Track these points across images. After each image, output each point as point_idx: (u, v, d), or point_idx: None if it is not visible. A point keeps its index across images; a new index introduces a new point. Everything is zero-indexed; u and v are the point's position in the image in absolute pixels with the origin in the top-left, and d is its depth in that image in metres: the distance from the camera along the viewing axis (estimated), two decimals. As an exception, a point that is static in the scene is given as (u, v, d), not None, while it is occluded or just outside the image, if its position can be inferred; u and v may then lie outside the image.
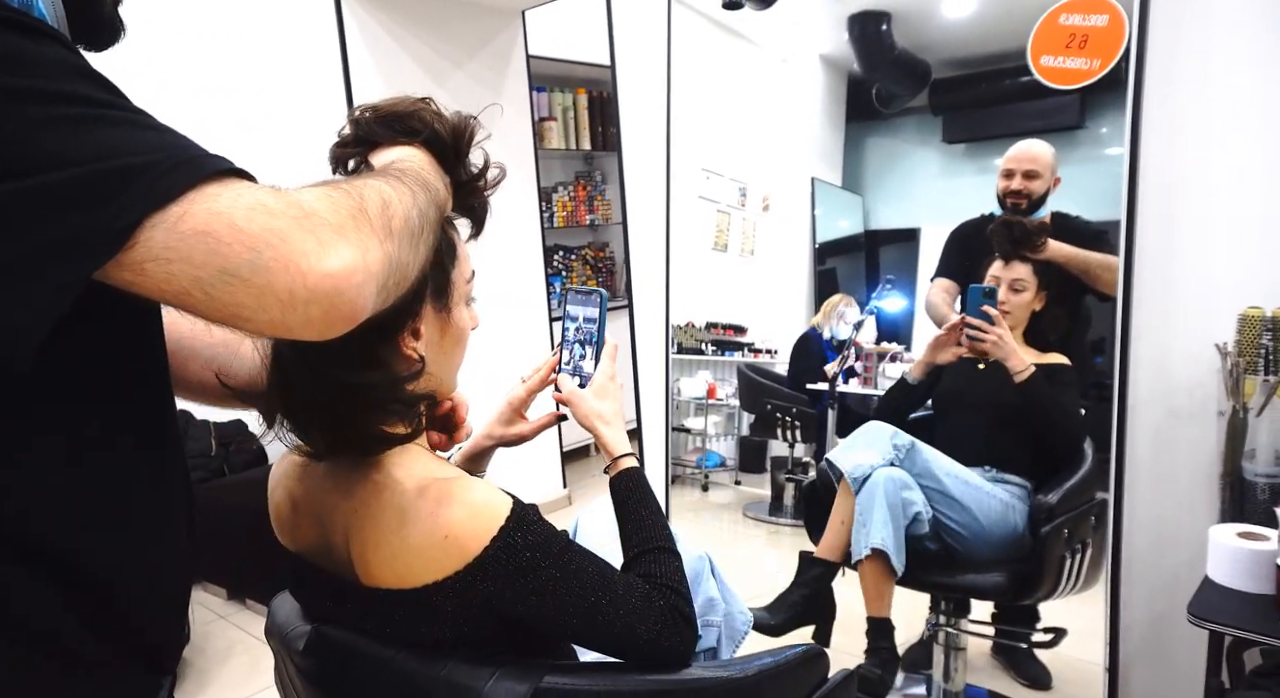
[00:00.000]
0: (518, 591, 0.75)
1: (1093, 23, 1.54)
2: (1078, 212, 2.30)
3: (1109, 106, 2.40)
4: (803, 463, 3.18)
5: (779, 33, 2.92)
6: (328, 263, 0.53)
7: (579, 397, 0.97)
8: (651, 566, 0.86)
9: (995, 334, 1.80)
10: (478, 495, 0.76)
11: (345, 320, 0.55)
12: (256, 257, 0.50)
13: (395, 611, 0.75)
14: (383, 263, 0.57)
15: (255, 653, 2.34)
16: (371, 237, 0.57)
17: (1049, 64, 1.62)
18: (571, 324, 1.02)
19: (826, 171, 3.08)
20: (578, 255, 3.59)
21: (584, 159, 3.57)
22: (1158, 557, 1.59)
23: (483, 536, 0.74)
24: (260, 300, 0.51)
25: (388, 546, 0.74)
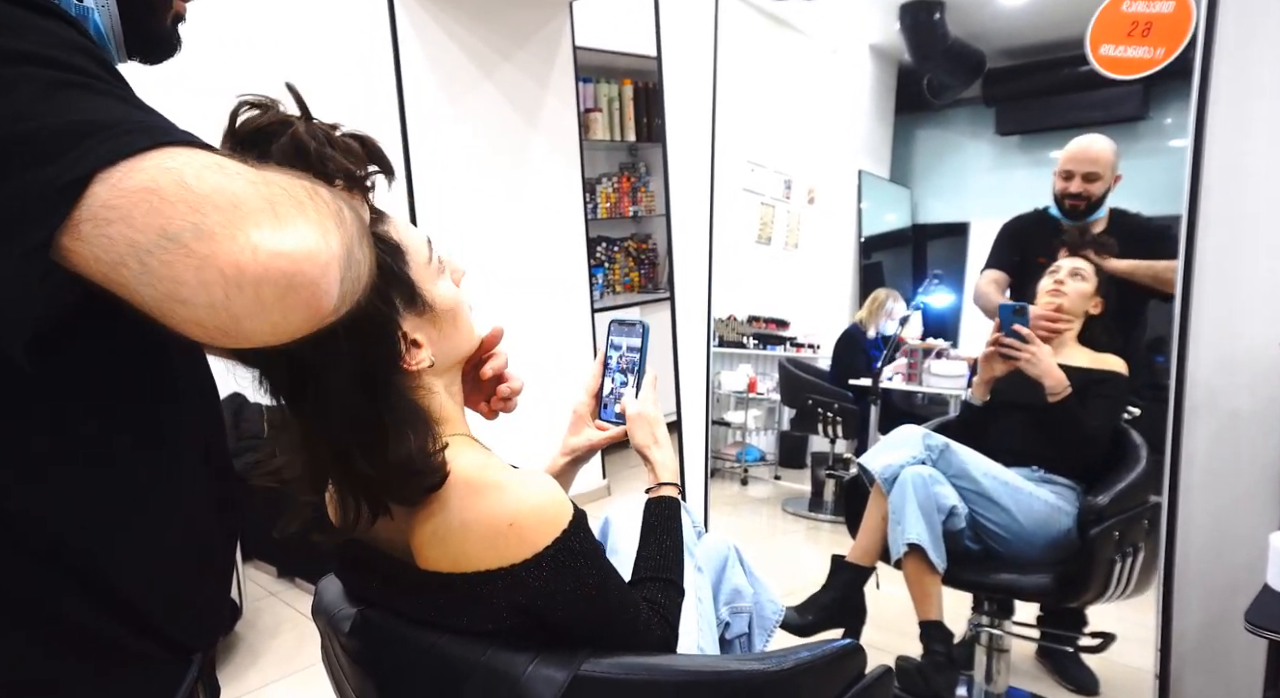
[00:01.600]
0: (564, 594, 0.76)
1: (1157, 9, 1.48)
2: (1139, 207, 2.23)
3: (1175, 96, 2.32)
4: (843, 459, 3.15)
5: (828, 23, 2.88)
6: (286, 239, 0.46)
7: (638, 421, 1.01)
8: (658, 594, 0.91)
9: (1029, 352, 1.77)
10: (546, 492, 0.77)
11: (305, 310, 0.47)
12: (202, 220, 0.43)
13: (444, 596, 0.76)
14: (344, 249, 0.49)
15: (303, 629, 2.40)
16: (329, 219, 0.50)
17: (1109, 53, 1.56)
18: (615, 353, 1.07)
19: (874, 164, 3.03)
20: (620, 247, 3.59)
21: (628, 150, 3.57)
22: (1214, 561, 1.54)
23: (548, 532, 0.75)
24: (201, 275, 0.43)
25: (448, 528, 0.75)
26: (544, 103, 2.72)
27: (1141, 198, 2.25)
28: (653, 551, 0.94)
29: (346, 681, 0.85)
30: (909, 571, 1.74)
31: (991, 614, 1.89)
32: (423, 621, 0.77)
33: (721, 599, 1.22)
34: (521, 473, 0.79)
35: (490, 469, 0.78)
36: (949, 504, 1.75)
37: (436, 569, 0.76)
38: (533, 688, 0.73)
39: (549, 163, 2.76)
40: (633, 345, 1.05)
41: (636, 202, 3.56)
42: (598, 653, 0.77)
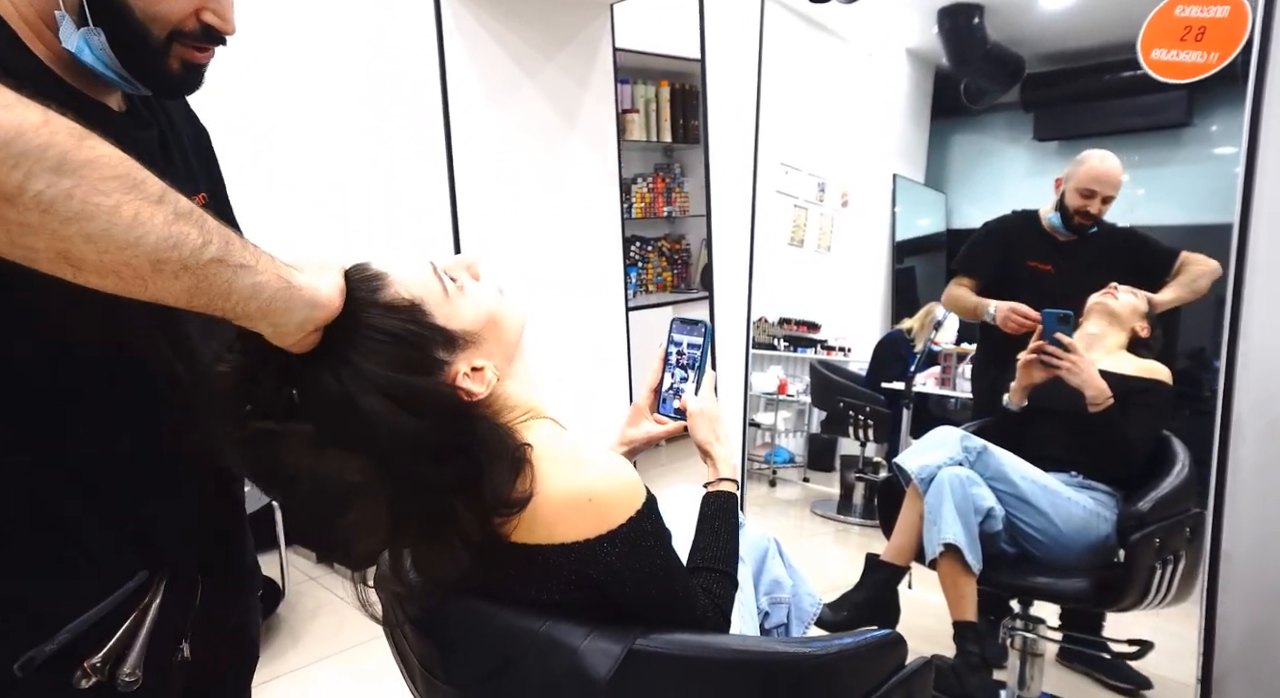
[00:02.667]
0: (633, 572, 0.79)
1: (1212, 14, 1.47)
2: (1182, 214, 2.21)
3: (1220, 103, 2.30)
4: (874, 462, 3.14)
5: (866, 26, 2.88)
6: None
7: (700, 416, 1.03)
8: (714, 584, 0.92)
9: (1070, 361, 1.75)
10: (625, 470, 0.79)
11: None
12: None
13: (514, 566, 0.78)
14: (20, 126, 0.49)
15: (342, 613, 2.45)
16: (34, 109, 0.50)
17: (1160, 58, 1.55)
18: (674, 348, 1.09)
19: (909, 168, 3.02)
20: (654, 246, 3.62)
21: (663, 151, 3.59)
22: (1260, 568, 1.53)
23: (625, 509, 0.78)
24: None
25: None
26: (583, 103, 2.75)
27: (1186, 204, 2.23)
28: (709, 542, 0.95)
29: (410, 648, 0.88)
30: (944, 571, 1.74)
31: (1026, 619, 1.88)
32: (488, 590, 0.80)
33: (761, 589, 1.24)
34: (599, 451, 0.81)
35: (570, 446, 0.80)
36: (986, 506, 1.75)
37: (512, 540, 0.78)
38: (590, 659, 0.75)
39: (587, 162, 2.79)
40: (694, 343, 1.07)
41: (671, 202, 3.58)
42: (650, 629, 0.79)
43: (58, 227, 0.51)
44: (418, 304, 0.76)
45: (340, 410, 0.69)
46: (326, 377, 0.69)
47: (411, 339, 0.73)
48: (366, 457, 0.72)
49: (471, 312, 0.80)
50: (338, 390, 0.68)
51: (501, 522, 0.76)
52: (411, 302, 0.75)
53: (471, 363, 0.78)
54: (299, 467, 0.70)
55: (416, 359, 0.74)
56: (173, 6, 0.71)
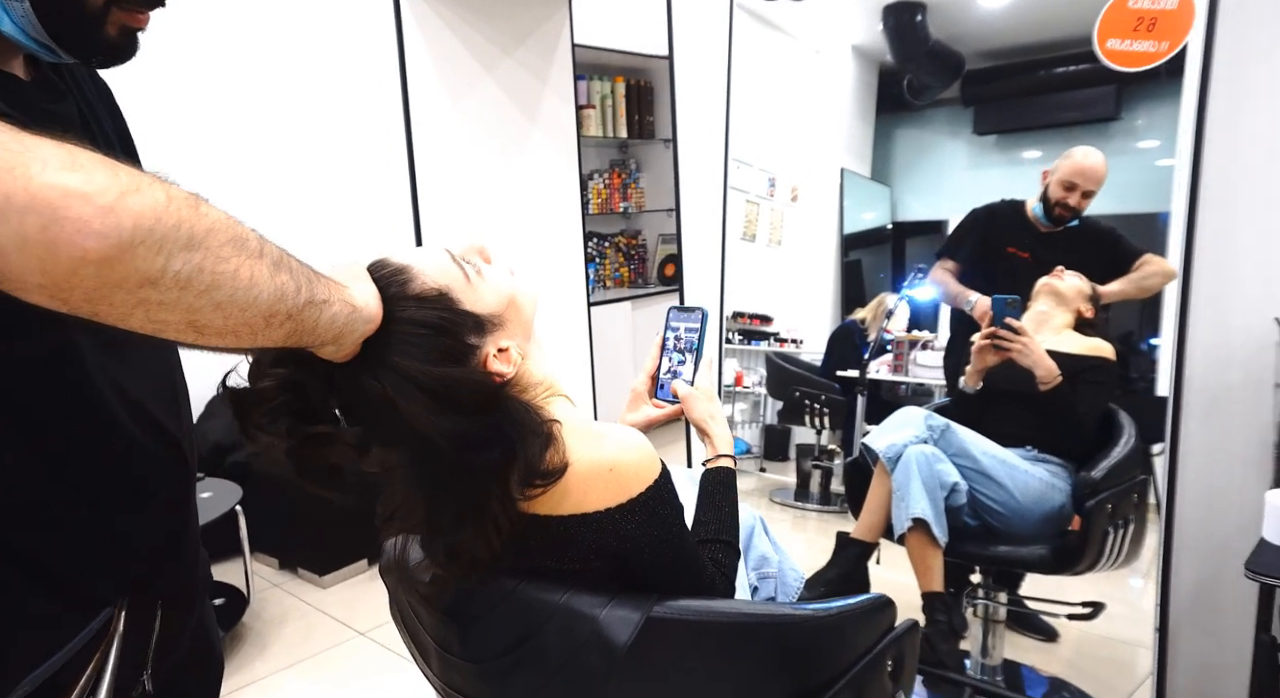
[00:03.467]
0: (650, 539, 0.81)
1: (1162, 5, 1.57)
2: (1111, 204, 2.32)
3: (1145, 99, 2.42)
4: (828, 450, 3.22)
5: (812, 23, 2.94)
6: (67, 176, 0.45)
7: (695, 397, 1.06)
8: (719, 554, 0.95)
9: (1020, 343, 1.85)
10: (642, 442, 0.82)
11: (72, 248, 0.45)
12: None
13: (538, 538, 0.80)
14: (154, 212, 0.48)
15: (310, 619, 2.40)
16: (154, 187, 0.49)
17: (1115, 47, 1.65)
18: (671, 334, 1.12)
19: (855, 163, 3.09)
20: (611, 242, 3.63)
21: (619, 147, 3.61)
22: (1208, 524, 1.64)
23: (644, 479, 0.80)
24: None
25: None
26: (543, 98, 2.76)
27: (1113, 195, 2.34)
28: (713, 515, 0.98)
29: (423, 629, 0.88)
30: (912, 545, 1.80)
31: (989, 587, 1.96)
32: (507, 563, 0.81)
33: (750, 564, 1.27)
34: (614, 425, 0.84)
35: (585, 421, 0.83)
36: (951, 481, 1.81)
37: (534, 512, 0.79)
38: (611, 627, 0.77)
39: (547, 157, 2.80)
40: (691, 329, 1.11)
41: (627, 198, 3.60)
42: (665, 597, 0.82)
43: (192, 300, 0.51)
44: (445, 292, 0.77)
45: (383, 412, 0.70)
46: (369, 381, 0.70)
47: (446, 327, 0.75)
48: (408, 450, 0.74)
49: (493, 295, 0.82)
50: (380, 392, 0.69)
51: (537, 492, 0.77)
52: (439, 291, 0.76)
53: (498, 345, 0.80)
54: (347, 465, 0.71)
55: (451, 347, 0.75)
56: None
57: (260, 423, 0.69)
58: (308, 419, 0.70)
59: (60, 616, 0.65)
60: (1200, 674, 1.70)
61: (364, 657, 2.20)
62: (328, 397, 0.70)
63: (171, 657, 0.77)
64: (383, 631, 2.32)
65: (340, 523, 2.70)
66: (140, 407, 0.70)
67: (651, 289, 3.61)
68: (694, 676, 0.83)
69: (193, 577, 0.81)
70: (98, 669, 0.66)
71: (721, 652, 0.84)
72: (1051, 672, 2.11)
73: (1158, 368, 2.12)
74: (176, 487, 0.75)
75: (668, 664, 0.81)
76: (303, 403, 0.70)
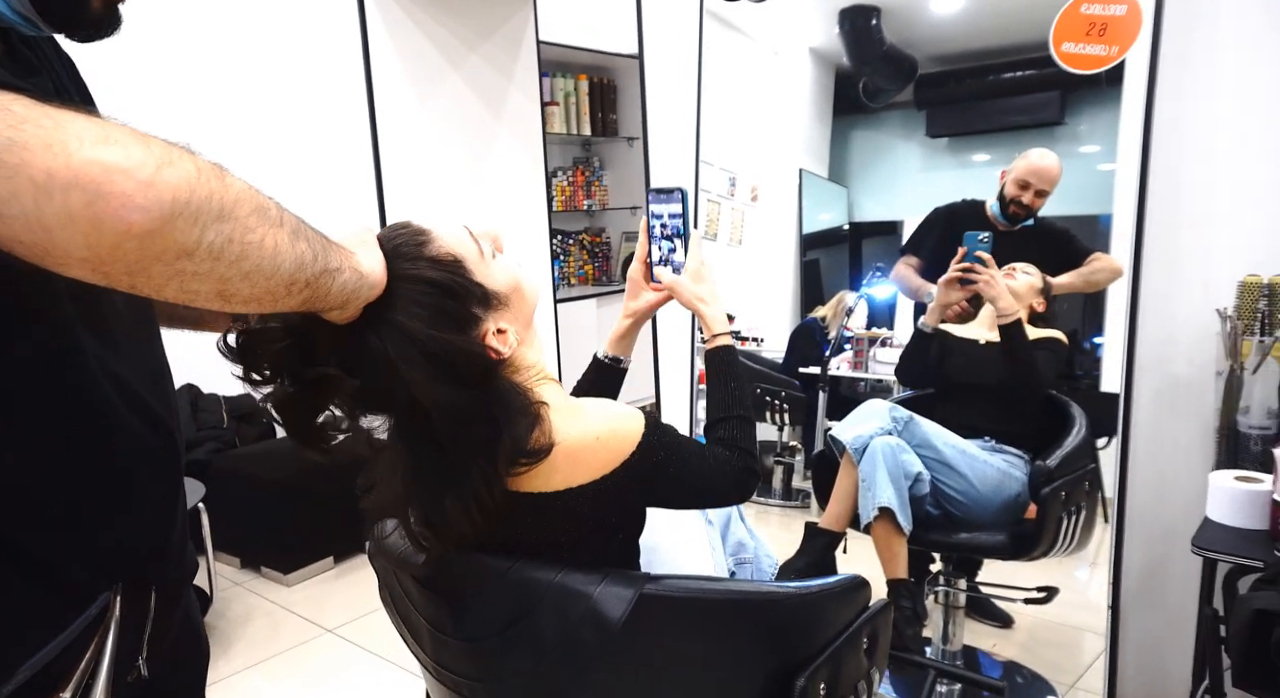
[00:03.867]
0: (656, 486, 0.86)
1: (1112, 11, 1.66)
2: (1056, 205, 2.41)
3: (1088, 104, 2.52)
4: (790, 447, 3.28)
5: (771, 25, 2.98)
6: (106, 151, 0.45)
7: (680, 284, 1.08)
8: (732, 430, 0.99)
9: (987, 275, 1.93)
10: (620, 407, 0.86)
11: (116, 222, 0.46)
12: (16, 133, 0.44)
13: (527, 515, 0.82)
14: (190, 184, 0.49)
15: (275, 617, 2.37)
16: (184, 159, 0.50)
17: (1070, 50, 1.73)
18: (656, 222, 1.11)
19: (813, 163, 3.14)
20: (575, 240, 3.64)
21: (582, 145, 3.62)
22: (1156, 506, 1.72)
23: (631, 439, 0.84)
24: (13, 185, 0.43)
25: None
26: (508, 96, 2.76)
27: (1060, 198, 2.43)
28: (720, 393, 1.02)
29: (415, 610, 0.89)
30: (878, 533, 1.86)
31: (949, 575, 2.03)
32: (499, 542, 0.83)
33: (728, 550, 1.30)
34: (593, 400, 0.87)
35: (570, 400, 0.87)
36: (915, 471, 1.87)
37: (524, 490, 0.81)
38: (605, 604, 0.79)
39: (513, 154, 2.80)
40: (674, 212, 1.09)
41: (591, 195, 3.62)
42: (656, 576, 0.84)
43: (223, 270, 0.52)
44: (460, 260, 0.80)
45: (380, 371, 0.72)
46: (371, 338, 0.72)
47: (455, 290, 0.77)
48: (397, 416, 0.76)
49: (502, 275, 0.85)
50: (379, 350, 0.71)
51: (522, 471, 0.79)
52: (455, 257, 0.80)
53: (498, 325, 0.82)
54: (339, 420, 0.72)
55: (456, 311, 0.77)
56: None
57: (263, 365, 0.70)
58: (311, 363, 0.71)
59: (59, 602, 0.64)
60: (1148, 649, 1.79)
61: (333, 653, 2.18)
62: (331, 348, 0.72)
63: (163, 643, 0.77)
64: (351, 627, 2.30)
65: (304, 521, 2.66)
66: (135, 395, 0.69)
67: (616, 286, 3.63)
68: (684, 651, 0.86)
69: (182, 563, 0.80)
70: (96, 654, 0.65)
71: (710, 627, 0.86)
72: (1008, 656, 2.19)
73: (1101, 366, 2.22)
74: (169, 473, 0.75)
75: (660, 640, 0.84)
76: (307, 349, 0.71)
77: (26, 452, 0.62)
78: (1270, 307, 1.46)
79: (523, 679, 0.83)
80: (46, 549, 0.64)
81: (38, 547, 0.63)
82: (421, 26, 2.49)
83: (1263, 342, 1.46)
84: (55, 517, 0.64)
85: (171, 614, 0.78)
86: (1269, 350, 1.45)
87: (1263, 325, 1.46)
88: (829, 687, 0.94)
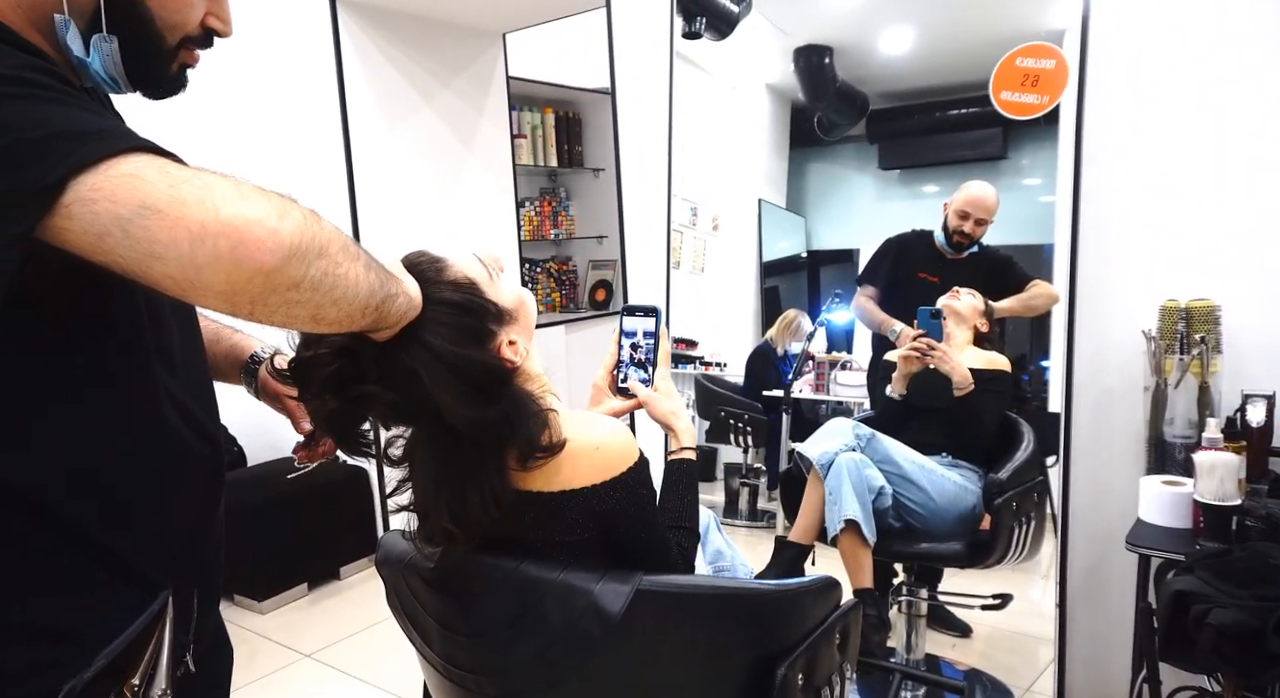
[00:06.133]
0: (629, 516, 0.92)
1: (1042, 65, 1.83)
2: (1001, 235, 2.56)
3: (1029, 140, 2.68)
4: (754, 469, 3.37)
5: (729, 62, 3.10)
6: (244, 206, 0.56)
7: (654, 399, 1.15)
8: (682, 539, 1.07)
9: (941, 350, 2.06)
10: (624, 430, 0.94)
11: (252, 262, 0.56)
12: (175, 192, 0.55)
13: (530, 512, 0.90)
14: (301, 230, 0.59)
15: (251, 644, 2.36)
16: (294, 208, 0.60)
17: (1008, 98, 1.90)
18: (627, 338, 1.17)
19: (772, 193, 3.26)
20: (542, 268, 3.72)
21: (548, 175, 3.72)
22: (1095, 511, 1.86)
23: (625, 460, 0.92)
24: (173, 233, 0.54)
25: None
26: (479, 128, 2.85)
27: (1003, 228, 2.58)
28: (675, 503, 1.10)
29: (424, 612, 0.95)
30: (844, 545, 1.95)
31: (911, 585, 2.13)
32: (504, 539, 0.90)
33: (707, 557, 1.38)
34: (598, 416, 0.95)
35: (574, 411, 0.94)
36: (878, 485, 1.97)
37: (528, 488, 0.89)
38: (605, 598, 0.87)
39: (484, 184, 2.88)
40: (648, 331, 1.17)
41: (558, 225, 3.71)
42: (649, 574, 0.92)
43: (320, 299, 0.62)
44: (474, 282, 0.89)
45: (410, 385, 0.80)
46: (402, 356, 0.80)
47: (473, 309, 0.86)
48: (426, 422, 0.84)
49: (509, 293, 0.94)
50: (409, 367, 0.79)
51: (537, 465, 0.87)
52: (470, 279, 0.88)
53: (509, 337, 0.91)
54: (377, 428, 0.80)
55: (475, 327, 0.86)
56: (191, 15, 0.76)
57: (316, 386, 0.80)
58: (357, 382, 0.80)
59: (132, 596, 0.71)
60: (1093, 644, 1.91)
61: (312, 678, 2.18)
62: (374, 364, 0.80)
63: (203, 642, 0.83)
64: (330, 652, 2.31)
65: (277, 548, 2.66)
66: (188, 410, 0.77)
67: (583, 313, 3.71)
68: (677, 641, 0.93)
69: (219, 564, 0.87)
70: (158, 645, 0.71)
71: (700, 620, 0.94)
72: (968, 663, 2.29)
73: (1049, 388, 2.36)
74: (213, 480, 0.82)
75: (654, 631, 0.91)
76: (354, 368, 0.80)
77: (109, 464, 0.71)
78: (1187, 328, 1.61)
79: (529, 670, 0.89)
80: (124, 549, 0.71)
81: (118, 546, 0.71)
82: (394, 62, 2.57)
83: (1182, 359, 1.60)
84: (129, 519, 0.72)
85: (209, 615, 0.84)
86: (1187, 367, 1.59)
87: (1181, 345, 1.61)
88: (806, 676, 1.02)
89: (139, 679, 0.69)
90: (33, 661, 0.66)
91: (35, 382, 0.66)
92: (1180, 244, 1.74)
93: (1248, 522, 1.38)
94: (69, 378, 0.68)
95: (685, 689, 0.97)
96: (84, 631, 0.68)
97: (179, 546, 0.77)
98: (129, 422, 0.72)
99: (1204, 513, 1.41)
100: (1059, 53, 1.80)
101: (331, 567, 2.90)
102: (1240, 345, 1.66)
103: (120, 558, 0.71)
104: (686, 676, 0.95)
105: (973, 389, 2.03)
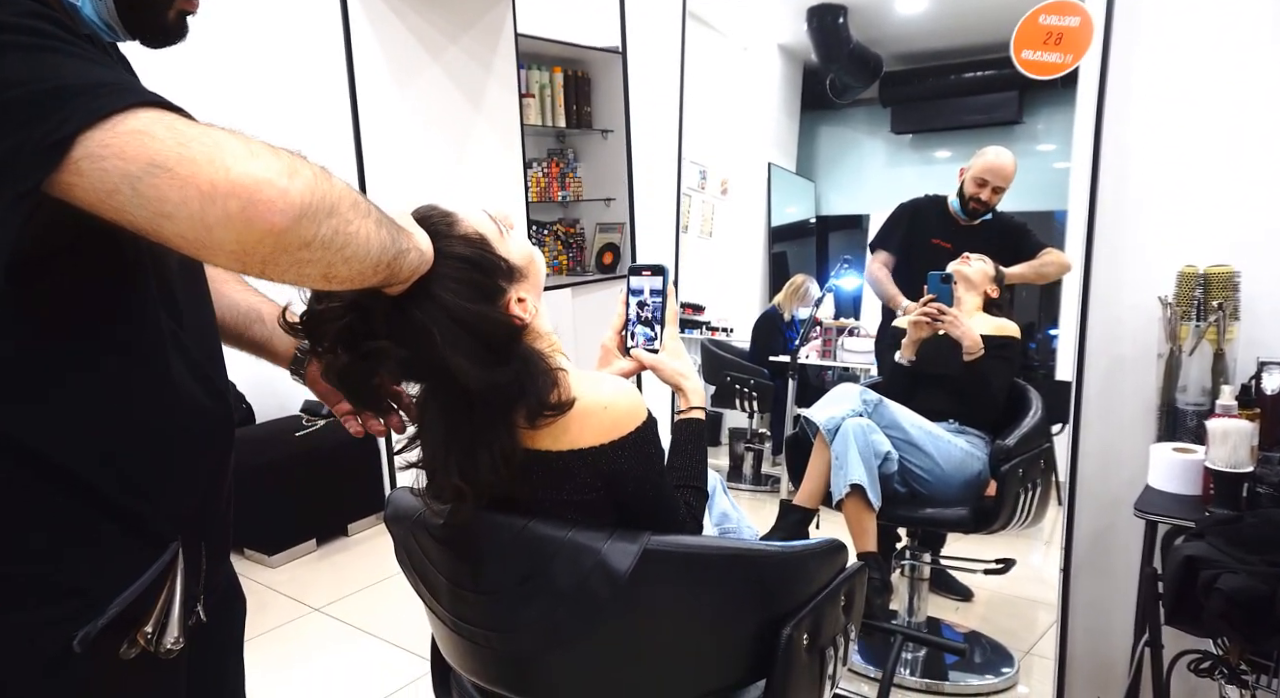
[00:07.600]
0: (637, 475, 0.92)
1: (1067, 23, 1.78)
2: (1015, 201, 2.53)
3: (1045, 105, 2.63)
4: (759, 433, 3.38)
5: (741, 21, 3.05)
6: (254, 165, 0.55)
7: (662, 361, 1.13)
8: (690, 498, 1.06)
9: (951, 315, 2.04)
10: (631, 388, 0.93)
11: (263, 223, 0.55)
12: (184, 150, 0.53)
13: (536, 470, 0.90)
14: (311, 188, 0.58)
15: (261, 597, 2.40)
16: (304, 166, 0.59)
17: (1029, 57, 1.85)
18: (634, 296, 1.15)
19: (782, 157, 3.21)
20: (550, 230, 3.69)
21: (556, 136, 3.67)
22: (1103, 478, 1.86)
23: (634, 420, 0.91)
24: (184, 192, 0.53)
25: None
26: (487, 87, 2.81)
27: (1017, 194, 2.54)
28: (684, 462, 1.09)
29: (434, 569, 0.96)
30: (849, 509, 1.96)
31: (915, 549, 2.14)
32: (512, 498, 0.90)
33: (713, 519, 1.39)
34: (607, 376, 0.94)
35: (582, 371, 0.94)
36: (884, 450, 1.98)
37: (536, 447, 0.89)
38: (613, 557, 0.87)
39: (492, 145, 2.85)
40: (655, 288, 1.15)
41: (565, 187, 3.67)
42: (656, 534, 0.92)
43: (330, 257, 0.62)
44: (485, 237, 0.88)
45: (422, 340, 0.80)
46: (414, 312, 0.79)
47: (484, 264, 0.85)
48: (436, 378, 0.84)
49: (519, 250, 0.93)
50: (421, 323, 0.79)
51: (546, 423, 0.87)
52: (481, 235, 0.88)
53: (519, 294, 0.90)
54: (388, 384, 0.79)
55: (485, 283, 0.85)
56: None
57: (326, 340, 0.80)
58: (368, 337, 0.79)
59: (142, 548, 0.72)
60: (1095, 609, 1.93)
61: (321, 631, 2.22)
62: (385, 320, 0.80)
63: (215, 594, 0.83)
64: (339, 606, 2.34)
65: (286, 505, 2.69)
66: (198, 366, 0.77)
67: (590, 276, 3.68)
68: (684, 601, 0.94)
69: (228, 519, 0.87)
70: (169, 595, 0.72)
71: (707, 580, 0.94)
72: (969, 626, 2.32)
73: (1056, 356, 2.35)
74: (222, 435, 0.82)
75: (661, 591, 0.91)
76: (365, 323, 0.79)
77: (119, 420, 0.70)
78: (1204, 294, 1.59)
79: (539, 627, 0.90)
80: (134, 503, 0.71)
81: (128, 501, 0.71)
82: (403, 18, 2.52)
83: (1198, 326, 1.59)
84: (141, 475, 0.72)
85: (219, 567, 0.85)
86: (1203, 334, 1.58)
87: (1198, 311, 1.59)
88: (811, 637, 1.02)
89: (152, 628, 0.70)
90: (46, 616, 0.67)
91: (44, 338, 0.66)
92: (1200, 210, 1.71)
93: (1259, 489, 1.38)
94: (78, 333, 0.68)
95: (692, 648, 0.97)
96: (96, 586, 0.69)
97: (190, 501, 0.77)
98: (139, 378, 0.72)
99: (1215, 480, 1.41)
100: (1084, 9, 1.75)
101: (339, 523, 2.94)
102: (1258, 313, 1.64)
103: (132, 513, 0.71)
104: (693, 635, 0.96)
105: (982, 355, 2.02)
